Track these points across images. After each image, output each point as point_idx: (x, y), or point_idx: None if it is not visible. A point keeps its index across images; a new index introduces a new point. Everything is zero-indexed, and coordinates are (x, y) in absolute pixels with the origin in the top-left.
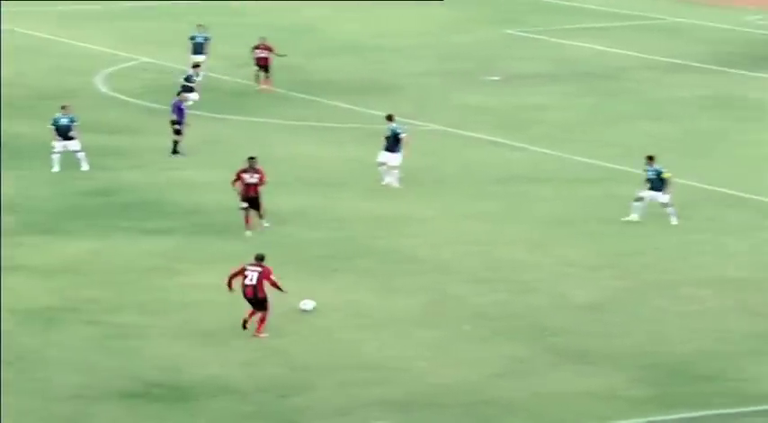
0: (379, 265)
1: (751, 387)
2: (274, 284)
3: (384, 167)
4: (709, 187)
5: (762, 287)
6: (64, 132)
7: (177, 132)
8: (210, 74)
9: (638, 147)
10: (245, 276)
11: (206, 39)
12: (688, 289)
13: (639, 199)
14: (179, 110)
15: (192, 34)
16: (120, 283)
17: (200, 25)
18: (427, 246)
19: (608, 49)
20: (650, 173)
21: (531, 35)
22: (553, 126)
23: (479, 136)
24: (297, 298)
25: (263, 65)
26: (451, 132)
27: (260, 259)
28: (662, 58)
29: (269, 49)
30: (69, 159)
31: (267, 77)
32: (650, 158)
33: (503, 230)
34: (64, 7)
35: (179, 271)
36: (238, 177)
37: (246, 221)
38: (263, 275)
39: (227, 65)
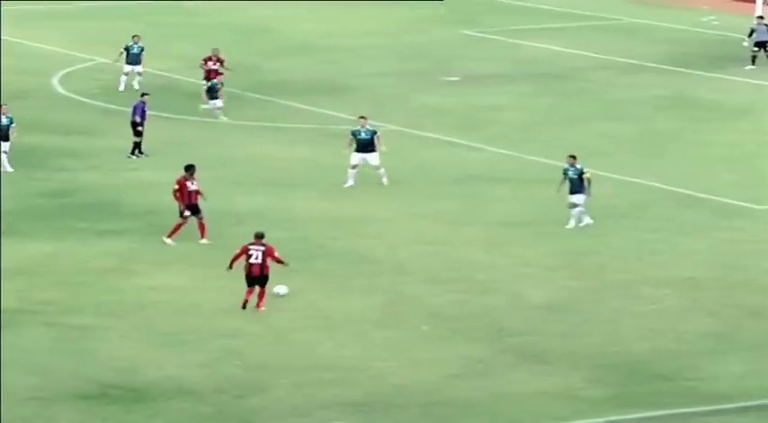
0: (335, 266)
1: (708, 386)
2: (279, 260)
3: (354, 170)
4: (666, 187)
5: (718, 286)
6: (4, 133)
7: (139, 134)
8: (166, 74)
9: (595, 147)
10: (250, 256)
11: (141, 49)
12: (645, 289)
13: (572, 205)
14: (142, 111)
15: (127, 44)
16: (77, 284)
17: (135, 35)
18: (384, 246)
19: (564, 50)
20: (571, 172)
21: (488, 35)
22: (510, 126)
23: (436, 136)
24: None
25: (213, 79)
26: (408, 133)
27: (260, 237)
28: (618, 59)
29: (221, 61)
30: (24, 159)
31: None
32: (573, 157)
33: (460, 231)
34: (20, 7)
35: (135, 272)
36: (180, 185)
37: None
38: (267, 253)
39: (182, 65)
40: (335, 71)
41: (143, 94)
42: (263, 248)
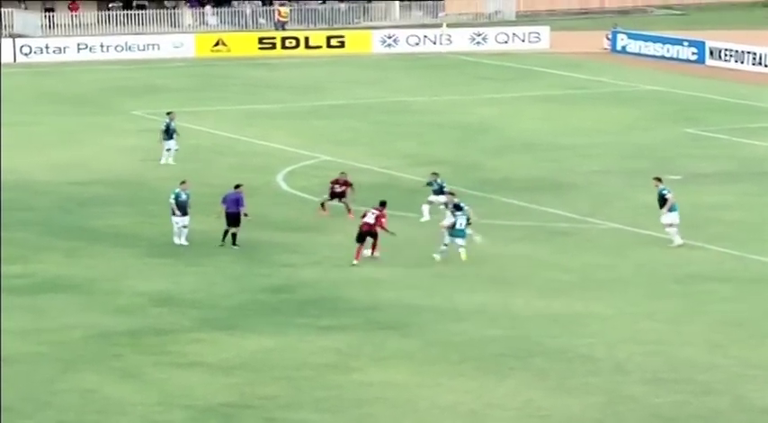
0: (554, 364)
1: None
2: (383, 227)
3: (672, 228)
4: None
5: None
6: (183, 207)
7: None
8: (386, 171)
9: None
10: (364, 216)
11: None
12: None
13: None
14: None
15: (165, 122)
16: (297, 379)
17: (170, 112)
18: (603, 345)
19: None
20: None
21: (711, 134)
22: (733, 225)
23: (657, 235)
24: (473, 396)
25: (338, 196)
26: (629, 231)
27: (382, 204)
28: None
29: (348, 184)
30: (249, 255)
31: (347, 207)
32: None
33: (680, 330)
34: (246, 106)
35: (355, 368)
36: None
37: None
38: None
39: (403, 163)
40: (557, 169)
41: (237, 186)
42: (376, 212)
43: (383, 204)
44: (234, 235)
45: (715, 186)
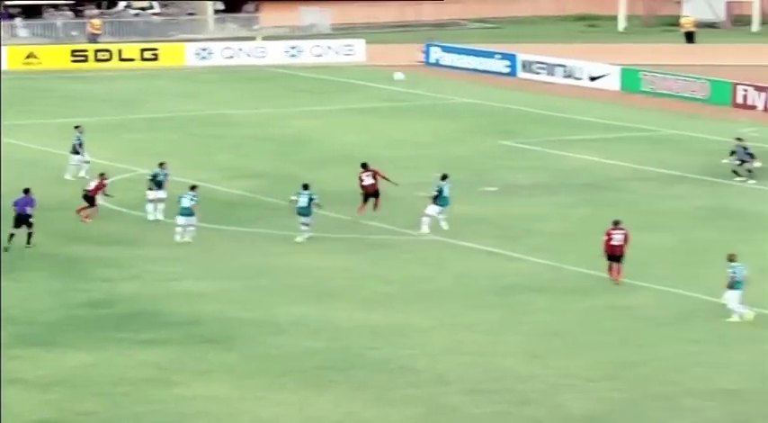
0: (375, 376)
1: None
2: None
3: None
4: (708, 298)
5: (761, 399)
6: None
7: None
8: (204, 184)
9: (636, 258)
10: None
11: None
12: (687, 401)
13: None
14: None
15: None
16: (116, 394)
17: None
18: (424, 356)
19: (603, 161)
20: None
21: (527, 146)
22: (549, 236)
23: (475, 246)
24: (294, 409)
25: (369, 191)
26: (447, 242)
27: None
28: (657, 170)
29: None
30: (66, 270)
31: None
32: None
33: (499, 341)
34: (61, 120)
35: (175, 382)
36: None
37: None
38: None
39: (220, 176)
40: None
41: (27, 191)
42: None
43: (365, 165)
44: (29, 234)
45: (531, 198)
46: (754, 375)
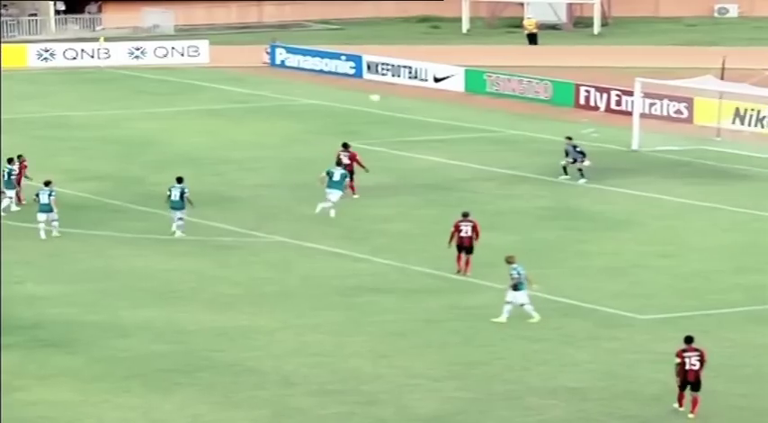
0: (221, 378)
1: None
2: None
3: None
4: (550, 297)
5: (603, 396)
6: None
7: None
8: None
9: (480, 257)
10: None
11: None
12: (531, 399)
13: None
14: None
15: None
16: None
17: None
18: (270, 358)
19: (447, 161)
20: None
21: (372, 147)
22: (395, 237)
23: (321, 247)
24: (139, 413)
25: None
26: (293, 244)
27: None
28: (500, 170)
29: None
30: None
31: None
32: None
33: (345, 341)
34: None
35: (18, 387)
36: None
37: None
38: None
39: (64, 178)
40: (221, 183)
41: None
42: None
43: (346, 145)
44: None
45: (376, 199)
46: (597, 374)
